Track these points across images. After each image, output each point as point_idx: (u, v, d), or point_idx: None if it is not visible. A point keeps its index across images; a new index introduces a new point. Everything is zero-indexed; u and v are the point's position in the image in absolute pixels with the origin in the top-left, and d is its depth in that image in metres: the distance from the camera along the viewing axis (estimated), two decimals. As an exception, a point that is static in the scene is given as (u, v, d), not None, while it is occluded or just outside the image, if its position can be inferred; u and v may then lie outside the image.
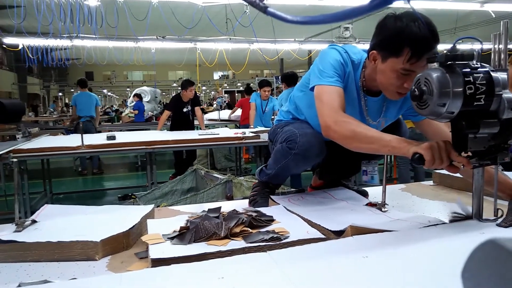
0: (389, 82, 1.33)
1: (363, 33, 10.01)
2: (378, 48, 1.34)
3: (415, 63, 1.25)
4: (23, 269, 1.04)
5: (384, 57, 1.32)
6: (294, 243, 1.11)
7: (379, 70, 1.35)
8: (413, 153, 1.10)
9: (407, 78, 1.29)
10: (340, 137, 1.29)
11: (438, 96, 1.02)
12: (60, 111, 17.05)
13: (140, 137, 4.55)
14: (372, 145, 1.22)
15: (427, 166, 1.08)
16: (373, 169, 1.63)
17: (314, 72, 1.43)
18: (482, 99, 1.01)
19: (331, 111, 1.32)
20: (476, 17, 11.72)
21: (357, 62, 1.45)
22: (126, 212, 1.43)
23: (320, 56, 1.46)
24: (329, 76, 1.38)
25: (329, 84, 1.37)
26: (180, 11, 8.03)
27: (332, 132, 1.29)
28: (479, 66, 1.03)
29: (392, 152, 1.20)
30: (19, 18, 6.46)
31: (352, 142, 1.26)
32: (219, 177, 3.08)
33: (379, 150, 1.23)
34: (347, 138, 1.27)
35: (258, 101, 6.13)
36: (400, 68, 1.27)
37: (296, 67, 23.77)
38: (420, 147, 1.10)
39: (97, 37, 7.96)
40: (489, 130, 1.05)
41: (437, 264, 0.92)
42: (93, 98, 6.90)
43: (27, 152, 3.60)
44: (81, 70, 24.72)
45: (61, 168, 7.43)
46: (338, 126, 1.27)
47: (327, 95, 1.35)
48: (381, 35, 1.33)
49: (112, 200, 4.98)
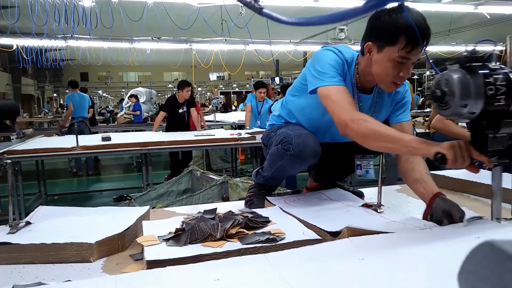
0: (386, 72, 1.35)
1: (358, 34, 10.04)
2: (373, 39, 1.37)
3: (410, 52, 1.28)
4: (17, 271, 1.03)
5: (380, 47, 1.34)
6: (290, 244, 1.11)
7: (374, 61, 1.37)
8: (435, 153, 1.12)
9: (402, 67, 1.33)
10: (358, 135, 1.29)
11: (460, 97, 1.04)
12: (55, 111, 16.97)
13: (136, 138, 4.54)
14: (391, 145, 1.23)
15: (449, 165, 1.10)
16: (368, 163, 1.63)
17: (311, 75, 1.43)
18: (503, 100, 1.04)
19: (345, 109, 1.33)
20: (470, 19, 11.80)
21: (350, 61, 1.47)
22: (121, 214, 1.43)
23: (315, 58, 1.46)
24: (332, 76, 1.39)
25: (334, 83, 1.38)
26: (175, 12, 8.01)
27: (350, 130, 1.30)
28: (498, 68, 1.06)
29: (412, 153, 1.23)
30: (13, 19, 6.43)
31: (371, 140, 1.27)
32: (215, 178, 3.07)
33: (398, 150, 1.26)
34: (365, 136, 1.27)
35: (254, 102, 6.14)
36: (397, 56, 1.30)
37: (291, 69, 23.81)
38: (442, 147, 1.12)
39: (92, 38, 7.91)
40: (509, 130, 1.08)
41: (433, 266, 0.92)
42: (86, 98, 6.88)
43: (21, 153, 3.58)
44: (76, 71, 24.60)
45: (56, 169, 7.38)
46: (357, 124, 1.28)
47: (336, 94, 1.36)
48: (376, 26, 1.36)
49: (107, 201, 4.95)
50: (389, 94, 1.55)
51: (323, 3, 6.36)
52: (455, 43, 11.02)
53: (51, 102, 22.80)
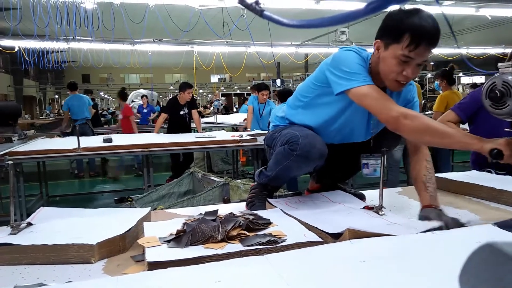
0: (390, 69, 1.38)
1: (359, 37, 10.05)
2: (381, 37, 1.40)
3: (413, 51, 1.31)
4: (19, 272, 1.04)
5: (386, 44, 1.37)
6: (291, 246, 1.11)
7: (381, 58, 1.40)
8: (491, 149, 1.19)
9: (406, 66, 1.35)
10: (413, 131, 1.32)
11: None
12: (56, 113, 17.01)
13: (137, 139, 4.54)
14: (444, 140, 1.28)
15: (505, 160, 1.17)
16: (376, 162, 1.63)
17: (337, 76, 1.43)
18: None
19: (392, 106, 1.35)
20: (471, 22, 11.80)
21: (366, 60, 1.48)
22: (122, 215, 1.43)
23: (338, 59, 1.46)
24: (365, 76, 1.40)
25: (368, 83, 1.39)
26: (177, 14, 8.03)
27: (403, 126, 1.32)
28: None
29: (465, 148, 1.28)
30: (15, 20, 6.45)
31: (425, 135, 1.31)
32: (216, 180, 3.07)
33: (451, 145, 1.32)
34: (420, 131, 1.31)
35: (256, 104, 6.14)
36: (400, 55, 1.33)
37: (292, 71, 23.81)
38: (497, 143, 1.18)
39: (94, 40, 7.95)
40: None
41: (434, 269, 0.92)
42: (84, 99, 6.91)
43: (23, 154, 3.58)
44: (77, 72, 24.65)
45: (57, 171, 7.39)
46: (410, 119, 1.30)
47: (374, 92, 1.38)
48: (384, 24, 1.39)
49: (108, 203, 4.95)
50: (398, 95, 1.56)
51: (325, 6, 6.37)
52: (457, 46, 11.02)
53: (53, 103, 22.86)
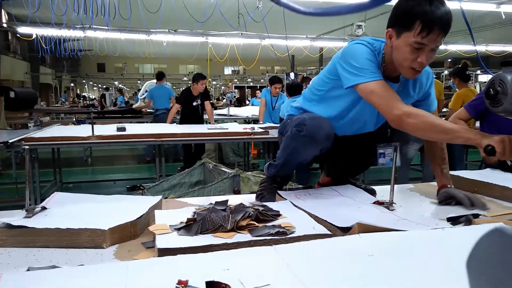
0: (403, 57, 1.38)
1: (375, 31, 9.92)
2: (393, 25, 1.39)
3: (426, 37, 1.30)
4: (32, 254, 1.06)
5: (398, 32, 1.37)
6: (300, 238, 1.11)
7: (394, 47, 1.40)
8: (486, 145, 1.20)
9: (419, 52, 1.35)
10: (416, 129, 1.36)
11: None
12: (71, 101, 17.22)
13: (150, 129, 4.58)
14: (448, 135, 1.33)
15: (498, 157, 1.18)
16: (392, 151, 1.63)
17: (346, 70, 1.43)
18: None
19: (395, 104, 1.37)
20: (491, 19, 11.54)
21: (377, 52, 1.48)
22: (134, 202, 1.45)
23: (348, 53, 1.46)
24: (373, 72, 1.40)
25: (375, 79, 1.39)
26: (193, 5, 8.03)
27: (406, 124, 1.35)
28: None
29: (467, 142, 1.30)
30: (33, 8, 6.52)
31: (429, 133, 1.37)
32: (227, 171, 3.08)
33: (453, 140, 1.36)
34: (423, 129, 1.35)
35: (268, 97, 6.13)
36: (413, 42, 1.33)
37: (306, 64, 23.65)
38: (493, 139, 1.19)
39: (110, 29, 7.99)
40: None
41: (443, 266, 0.92)
42: (168, 90, 7.01)
43: (38, 140, 3.65)
44: (93, 61, 24.89)
45: (71, 158, 7.50)
46: (413, 118, 1.34)
47: (381, 89, 1.39)
48: (394, 13, 1.39)
49: (120, 191, 5.01)
50: (413, 85, 1.56)
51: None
52: (476, 43, 10.80)
53: (68, 91, 23.13)
